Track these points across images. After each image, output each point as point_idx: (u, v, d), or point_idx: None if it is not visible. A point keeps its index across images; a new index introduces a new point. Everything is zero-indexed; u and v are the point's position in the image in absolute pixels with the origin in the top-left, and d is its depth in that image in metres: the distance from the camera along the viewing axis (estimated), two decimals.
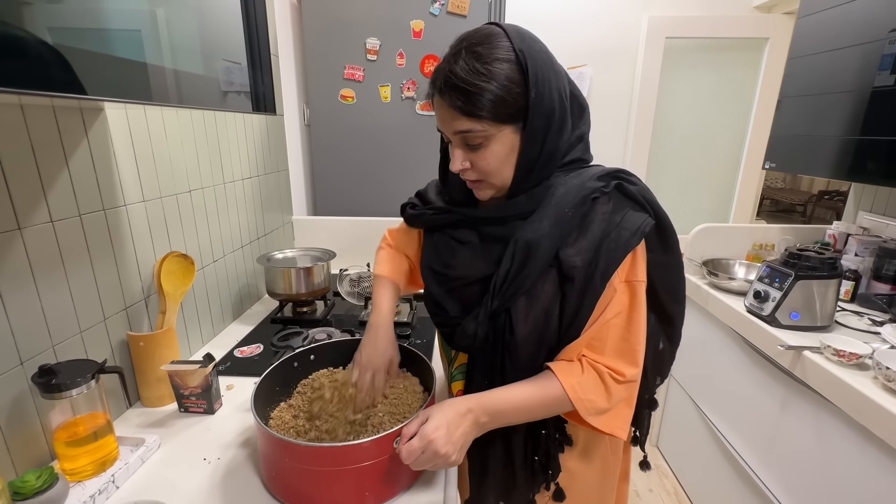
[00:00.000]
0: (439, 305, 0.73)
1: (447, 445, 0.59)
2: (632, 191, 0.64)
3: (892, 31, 1.18)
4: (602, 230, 0.61)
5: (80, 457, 0.69)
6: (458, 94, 0.58)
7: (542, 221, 0.62)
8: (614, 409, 0.64)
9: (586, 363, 0.63)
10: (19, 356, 0.68)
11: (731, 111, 2.43)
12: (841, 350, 1.04)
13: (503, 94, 0.58)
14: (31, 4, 0.47)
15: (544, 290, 0.63)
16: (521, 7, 2.20)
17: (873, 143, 1.25)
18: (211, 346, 1.15)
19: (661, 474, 1.86)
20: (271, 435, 0.64)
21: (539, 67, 0.58)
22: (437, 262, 0.74)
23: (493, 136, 0.60)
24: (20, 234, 0.67)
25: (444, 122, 0.62)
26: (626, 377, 0.62)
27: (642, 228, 0.61)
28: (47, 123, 0.71)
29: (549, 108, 0.60)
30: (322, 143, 1.90)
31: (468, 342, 0.69)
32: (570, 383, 0.61)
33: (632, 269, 0.62)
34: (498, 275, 0.64)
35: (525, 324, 0.64)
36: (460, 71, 0.58)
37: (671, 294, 0.71)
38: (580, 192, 0.62)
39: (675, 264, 0.70)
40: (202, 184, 1.13)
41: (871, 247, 1.41)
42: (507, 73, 0.57)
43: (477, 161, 0.63)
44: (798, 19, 1.53)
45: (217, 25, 0.82)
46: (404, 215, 0.84)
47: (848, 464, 1.02)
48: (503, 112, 0.59)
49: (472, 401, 0.63)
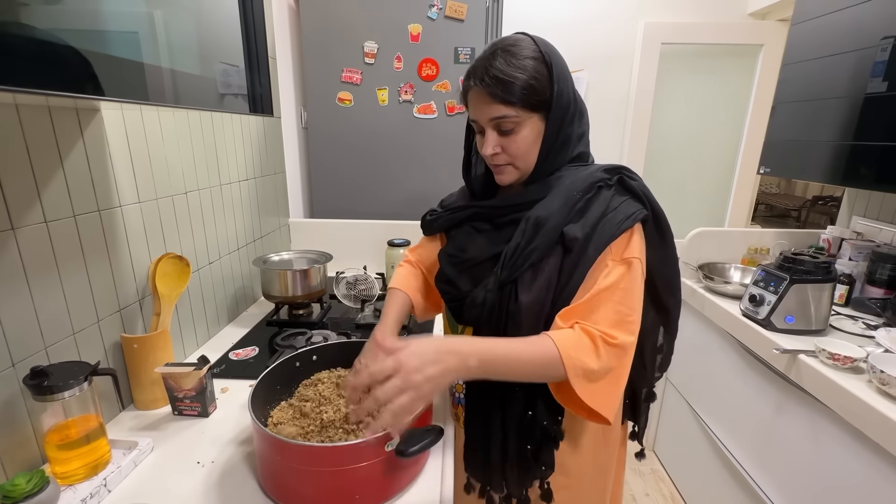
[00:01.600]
0: (451, 283, 0.77)
1: (418, 372, 0.56)
2: (633, 185, 0.70)
3: (884, 38, 1.20)
4: (601, 211, 0.68)
5: (72, 460, 0.69)
6: (496, 83, 0.66)
7: (552, 201, 0.69)
8: (602, 384, 0.64)
9: (579, 328, 0.64)
10: (11, 358, 0.67)
11: (726, 116, 2.45)
12: (836, 353, 1.04)
13: (534, 84, 0.66)
14: (27, 5, 0.47)
15: (549, 263, 0.67)
16: (518, 13, 2.22)
17: (866, 148, 1.26)
18: (205, 349, 1.14)
19: (658, 478, 1.86)
20: (267, 434, 0.64)
21: (560, 67, 0.69)
22: (453, 248, 0.80)
23: (524, 121, 0.68)
24: (13, 235, 0.66)
25: (481, 110, 0.69)
26: (617, 340, 0.63)
27: (636, 215, 0.67)
28: (42, 124, 0.71)
29: (567, 101, 0.69)
30: (319, 145, 1.90)
31: (477, 311, 0.72)
32: (563, 343, 0.62)
33: (627, 247, 0.66)
34: (508, 248, 0.69)
35: (529, 293, 0.67)
36: (498, 64, 0.66)
37: (668, 287, 0.76)
38: (588, 179, 0.69)
39: (671, 258, 0.76)
40: (198, 185, 1.13)
41: (865, 251, 1.42)
42: (536, 66, 0.67)
43: (508, 145, 0.70)
44: (792, 26, 1.55)
45: (215, 27, 0.82)
46: (422, 225, 0.90)
47: (843, 467, 1.03)
48: (533, 99, 0.67)
49: (463, 342, 0.64)
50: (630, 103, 2.36)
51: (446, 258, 0.80)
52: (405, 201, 1.92)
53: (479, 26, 1.77)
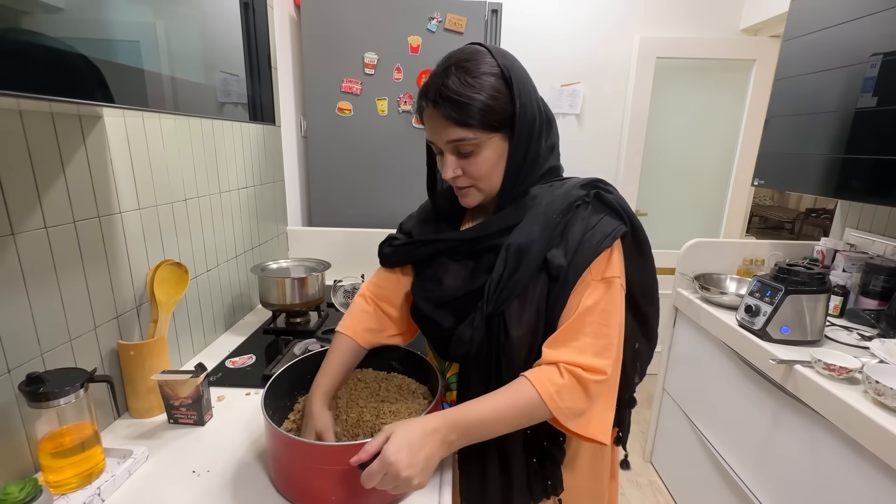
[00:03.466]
0: (430, 320, 0.73)
1: (409, 469, 0.56)
2: (609, 199, 0.68)
3: (873, 55, 1.23)
4: (581, 232, 0.65)
5: (66, 468, 0.68)
6: (451, 105, 0.62)
7: (532, 227, 0.65)
8: (593, 411, 0.63)
9: (564, 368, 0.61)
10: (6, 363, 0.66)
11: (721, 129, 2.49)
12: (831, 364, 1.05)
13: (492, 104, 0.62)
14: (30, 14, 0.47)
15: (535, 291, 0.65)
16: (515, 26, 2.26)
17: (858, 161, 1.28)
18: (202, 357, 1.14)
19: (655, 490, 1.85)
20: (280, 433, 0.64)
21: (521, 81, 0.64)
22: (426, 282, 0.75)
23: (484, 143, 0.64)
24: (13, 240, 0.66)
25: (437, 132, 0.66)
26: (606, 375, 0.61)
27: (614, 233, 0.65)
28: (45, 130, 0.71)
29: (531, 117, 0.65)
30: (318, 154, 1.91)
31: (465, 349, 0.69)
32: (548, 392, 0.60)
33: (608, 266, 0.65)
34: (491, 279, 0.66)
35: (519, 325, 0.65)
36: (452, 84, 0.62)
37: (646, 296, 0.75)
38: (566, 199, 0.66)
39: (649, 268, 0.75)
40: (198, 192, 1.13)
41: (859, 263, 1.43)
42: (493, 84, 0.63)
43: (468, 168, 0.66)
44: (784, 42, 1.58)
45: (218, 37, 0.83)
46: (380, 256, 0.83)
47: (840, 477, 1.03)
48: (492, 120, 0.63)
49: (440, 418, 0.61)
50: (626, 116, 2.40)
51: (420, 293, 0.75)
52: (403, 210, 1.91)
53: (477, 39, 1.80)
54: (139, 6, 0.63)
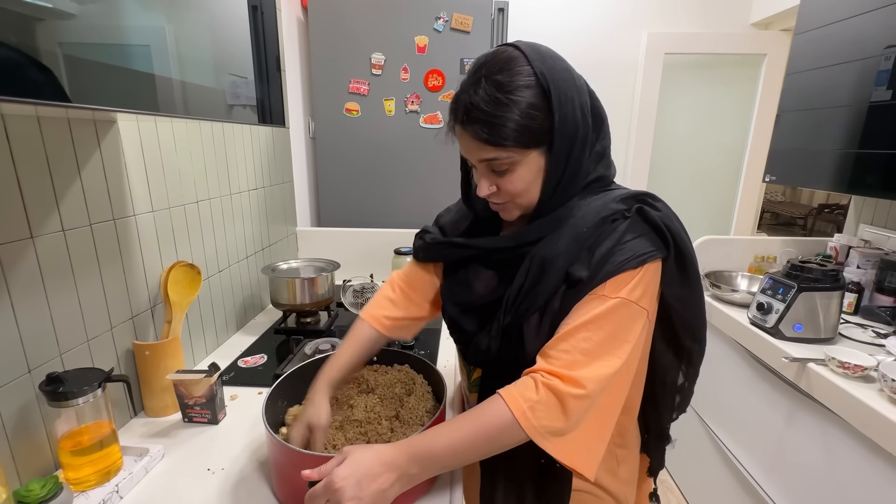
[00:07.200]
0: (455, 323, 0.72)
1: (353, 500, 0.52)
2: (653, 216, 0.60)
3: (887, 47, 1.20)
4: (609, 247, 0.59)
5: (85, 466, 0.69)
6: (481, 125, 0.57)
7: (559, 240, 0.61)
8: (577, 436, 0.57)
9: (541, 383, 0.56)
10: (27, 364, 0.68)
11: (731, 125, 2.46)
12: (846, 362, 1.04)
13: (527, 122, 0.57)
14: (43, 21, 0.48)
15: (556, 306, 0.61)
16: (522, 24, 2.25)
17: (872, 156, 1.26)
18: (215, 357, 1.15)
19: (666, 489, 1.84)
20: (279, 443, 0.65)
21: (561, 89, 0.58)
22: (455, 286, 0.73)
23: (519, 161, 0.60)
24: (32, 243, 0.68)
25: (469, 151, 0.62)
26: (584, 389, 0.55)
27: (644, 256, 0.58)
28: (62, 135, 0.73)
29: (572, 129, 0.59)
30: (327, 155, 1.93)
31: (481, 357, 0.68)
32: (521, 409, 0.55)
33: (629, 289, 0.58)
34: (511, 290, 0.63)
35: (536, 340, 0.61)
36: (481, 102, 0.57)
37: (689, 331, 0.67)
38: (600, 212, 0.61)
39: (695, 299, 0.66)
40: (209, 194, 1.15)
41: (873, 259, 1.41)
42: (529, 100, 0.57)
43: (504, 185, 0.62)
44: (795, 36, 1.56)
45: (228, 41, 0.84)
46: (414, 249, 0.82)
47: (855, 477, 1.01)
48: (528, 138, 0.58)
49: (401, 449, 0.57)
50: (634, 112, 2.38)
51: (449, 295, 0.73)
52: (412, 210, 1.94)
53: (484, 38, 1.79)
54: (150, 12, 0.64)
